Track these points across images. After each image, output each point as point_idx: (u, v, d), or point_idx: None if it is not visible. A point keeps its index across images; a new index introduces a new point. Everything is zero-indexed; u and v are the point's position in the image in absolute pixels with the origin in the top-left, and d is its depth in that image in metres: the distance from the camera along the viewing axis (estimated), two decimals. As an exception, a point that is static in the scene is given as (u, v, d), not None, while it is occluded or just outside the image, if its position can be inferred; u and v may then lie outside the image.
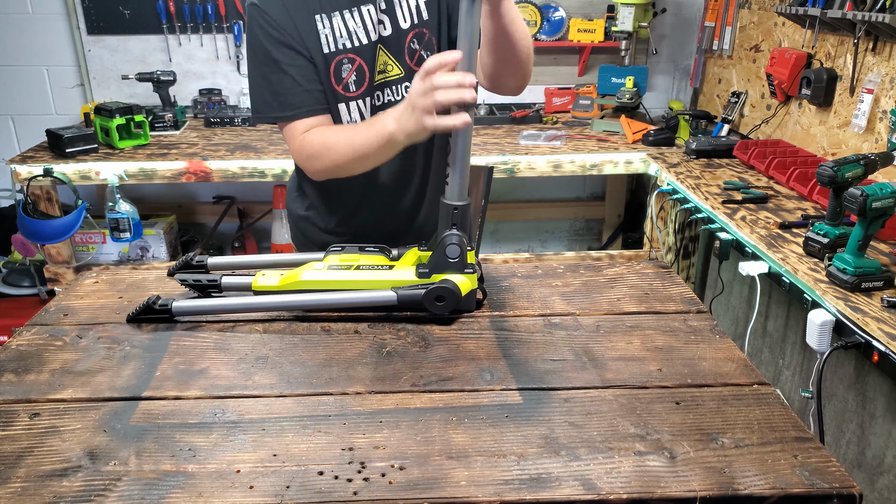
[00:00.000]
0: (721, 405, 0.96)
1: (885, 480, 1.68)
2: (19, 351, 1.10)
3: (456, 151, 1.15)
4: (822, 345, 1.62)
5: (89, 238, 3.10)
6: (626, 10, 3.05)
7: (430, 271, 1.18)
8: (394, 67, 1.42)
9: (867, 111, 2.22)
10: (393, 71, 1.42)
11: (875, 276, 1.63)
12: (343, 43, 1.37)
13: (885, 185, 1.57)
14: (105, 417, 0.93)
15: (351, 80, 1.39)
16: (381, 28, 1.39)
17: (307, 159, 1.38)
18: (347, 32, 1.37)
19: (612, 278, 1.35)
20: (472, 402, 0.97)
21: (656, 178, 2.73)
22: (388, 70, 1.42)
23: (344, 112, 1.42)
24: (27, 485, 0.81)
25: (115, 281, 1.35)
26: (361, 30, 1.37)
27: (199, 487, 0.81)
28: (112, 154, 2.82)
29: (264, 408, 0.96)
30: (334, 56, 1.37)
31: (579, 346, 1.11)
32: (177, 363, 1.06)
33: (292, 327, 1.17)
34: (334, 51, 1.37)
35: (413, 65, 1.42)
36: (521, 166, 2.81)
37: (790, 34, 2.70)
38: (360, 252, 1.25)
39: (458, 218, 1.16)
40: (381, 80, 1.42)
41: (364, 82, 1.40)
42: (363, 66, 1.39)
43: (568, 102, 3.47)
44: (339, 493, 0.80)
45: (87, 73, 3.37)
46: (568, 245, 3.93)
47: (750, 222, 2.07)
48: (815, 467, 0.84)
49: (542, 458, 0.85)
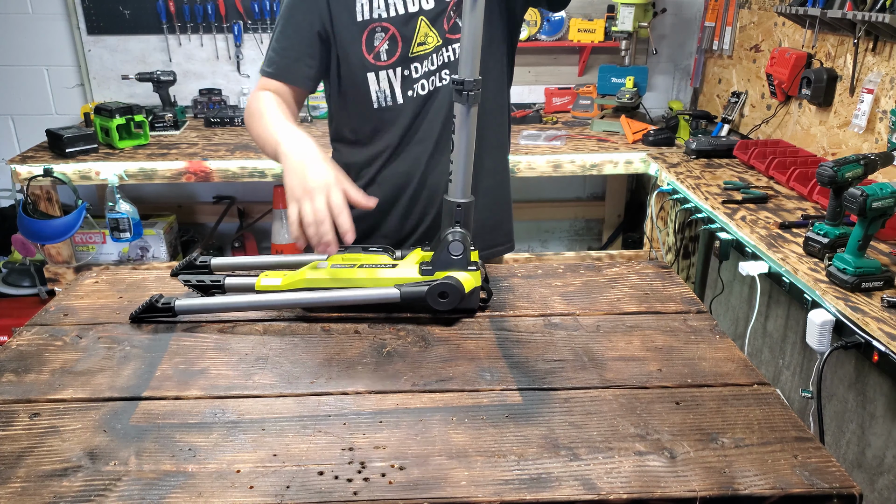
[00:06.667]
0: (721, 405, 0.96)
1: (885, 480, 1.68)
2: (19, 351, 1.10)
3: (459, 149, 1.15)
4: (822, 345, 1.62)
5: (89, 238, 3.10)
6: (626, 10, 3.05)
7: (433, 269, 1.18)
8: (434, 39, 1.41)
9: (867, 111, 2.22)
10: (432, 43, 1.41)
11: (875, 276, 1.63)
12: (379, 12, 1.38)
13: (885, 185, 1.57)
14: (105, 417, 0.93)
15: (383, 49, 1.39)
16: (424, 1, 1.38)
17: (248, 112, 1.44)
18: (385, 2, 1.38)
19: (612, 278, 1.35)
20: (472, 402, 0.97)
21: (656, 178, 2.73)
22: (429, 42, 1.40)
23: (373, 81, 1.41)
24: (27, 485, 0.81)
25: (115, 281, 1.35)
26: (400, 0, 1.38)
27: (199, 487, 0.81)
28: (112, 154, 2.83)
29: (264, 408, 0.96)
30: (367, 24, 1.38)
31: (579, 346, 1.11)
32: (177, 363, 1.06)
33: (292, 327, 1.17)
34: (368, 19, 1.38)
35: (448, 33, 1.41)
36: (521, 166, 2.81)
37: (790, 34, 2.70)
38: (363, 252, 1.25)
39: (461, 215, 1.16)
40: (418, 52, 1.41)
41: (396, 52, 1.40)
42: (396, 36, 1.39)
43: (568, 102, 3.47)
44: (339, 493, 0.80)
45: (87, 73, 3.37)
46: (568, 245, 3.93)
47: (750, 222, 2.07)
48: (815, 467, 0.84)
49: (542, 458, 0.85)
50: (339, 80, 1.45)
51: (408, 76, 1.42)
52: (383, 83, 1.42)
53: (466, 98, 1.11)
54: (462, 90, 1.10)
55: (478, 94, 1.11)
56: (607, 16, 3.35)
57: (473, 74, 1.10)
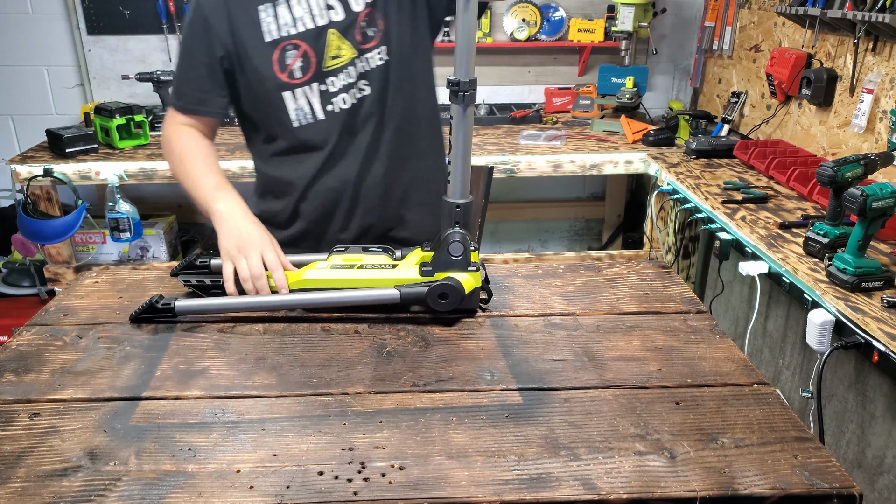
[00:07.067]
0: (721, 405, 0.96)
1: (885, 480, 1.68)
2: (19, 351, 1.10)
3: (457, 150, 1.15)
4: (822, 345, 1.62)
5: (89, 238, 3.10)
6: (626, 10, 3.05)
7: (433, 269, 1.18)
8: (348, 51, 1.38)
9: (867, 111, 2.22)
10: (346, 55, 1.38)
11: (875, 276, 1.63)
12: (287, 30, 1.36)
13: (885, 185, 1.57)
14: (105, 417, 0.93)
15: (296, 67, 1.37)
16: (332, 13, 1.36)
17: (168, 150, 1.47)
18: (293, 19, 1.36)
19: (612, 278, 1.35)
20: (472, 402, 0.97)
21: (656, 178, 2.73)
22: (342, 54, 1.38)
23: (290, 100, 1.39)
24: (27, 485, 0.81)
25: (115, 281, 1.35)
26: (308, 15, 1.36)
27: (199, 487, 0.81)
28: (112, 154, 2.82)
29: (264, 408, 0.96)
30: (277, 43, 1.36)
31: (579, 346, 1.11)
32: (177, 363, 1.06)
33: (292, 327, 1.17)
34: (277, 38, 1.35)
35: (361, 44, 1.38)
36: (521, 166, 2.81)
37: (790, 34, 2.70)
38: (363, 252, 1.25)
39: (460, 216, 1.16)
40: (333, 66, 1.38)
41: (310, 68, 1.37)
42: (308, 52, 1.36)
43: (568, 102, 3.47)
44: (339, 493, 0.80)
45: (87, 73, 3.37)
46: (568, 245, 3.93)
47: (750, 222, 2.07)
48: (815, 467, 0.84)
49: (542, 458, 0.85)
50: (255, 102, 1.42)
51: (325, 91, 1.39)
52: (301, 101, 1.39)
53: (462, 99, 1.10)
54: (458, 91, 1.10)
55: (473, 95, 1.11)
56: (607, 16, 3.35)
57: (469, 75, 1.10)
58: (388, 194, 1.48)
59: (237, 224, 1.29)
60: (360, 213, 1.48)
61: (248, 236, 1.26)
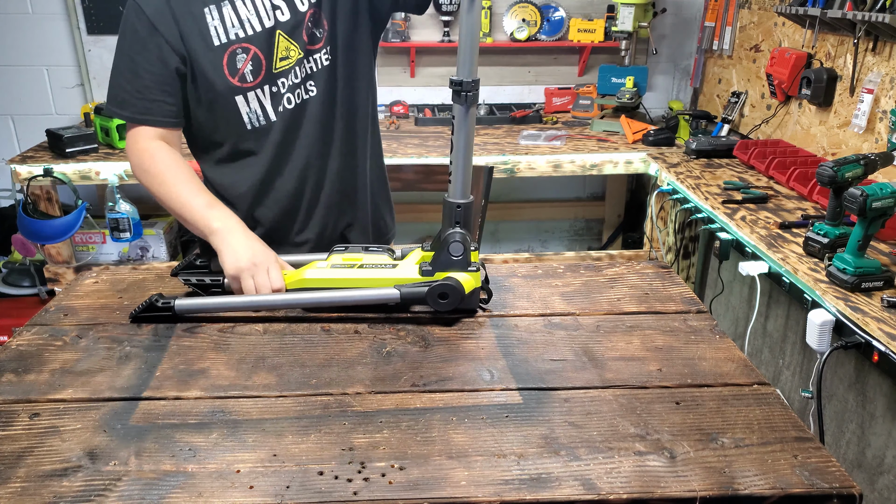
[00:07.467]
0: (721, 405, 0.96)
1: (885, 480, 1.68)
2: (19, 351, 1.10)
3: (458, 150, 1.15)
4: (822, 345, 1.62)
5: (89, 238, 3.10)
6: (626, 10, 3.05)
7: (433, 269, 1.18)
8: (296, 51, 1.36)
9: (867, 111, 2.22)
10: (294, 56, 1.37)
11: (875, 276, 1.63)
12: (236, 32, 1.33)
13: (885, 185, 1.57)
14: (105, 417, 0.93)
15: (247, 70, 1.35)
16: (279, 13, 1.34)
17: (141, 171, 1.36)
18: (240, 21, 1.33)
19: (612, 278, 1.35)
20: (472, 402, 0.97)
21: (656, 178, 2.73)
22: (291, 55, 1.36)
23: (242, 103, 1.36)
24: (27, 485, 0.81)
25: (115, 281, 1.35)
26: (254, 17, 1.33)
27: (199, 487, 0.81)
28: (112, 154, 2.82)
29: (264, 408, 0.96)
30: (227, 47, 1.33)
31: (579, 346, 1.11)
32: (177, 363, 1.06)
33: (292, 327, 1.17)
34: (225, 42, 1.33)
35: (308, 44, 1.37)
36: (521, 166, 2.81)
37: (790, 34, 2.70)
38: (363, 251, 1.25)
39: (460, 216, 1.16)
40: (282, 67, 1.37)
41: (261, 71, 1.35)
42: (259, 55, 1.34)
43: (568, 102, 3.47)
44: (339, 493, 0.80)
45: (87, 73, 3.37)
46: (568, 245, 3.93)
47: (750, 222, 2.07)
48: (815, 467, 0.84)
49: (542, 458, 0.85)
50: (206, 107, 1.38)
51: (276, 92, 1.38)
52: (253, 104, 1.37)
53: (465, 99, 1.10)
54: (461, 91, 1.09)
55: (476, 95, 1.11)
56: (607, 16, 3.35)
57: (472, 75, 1.10)
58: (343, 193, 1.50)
59: (241, 243, 1.27)
60: (320, 214, 1.49)
61: (254, 255, 1.25)
